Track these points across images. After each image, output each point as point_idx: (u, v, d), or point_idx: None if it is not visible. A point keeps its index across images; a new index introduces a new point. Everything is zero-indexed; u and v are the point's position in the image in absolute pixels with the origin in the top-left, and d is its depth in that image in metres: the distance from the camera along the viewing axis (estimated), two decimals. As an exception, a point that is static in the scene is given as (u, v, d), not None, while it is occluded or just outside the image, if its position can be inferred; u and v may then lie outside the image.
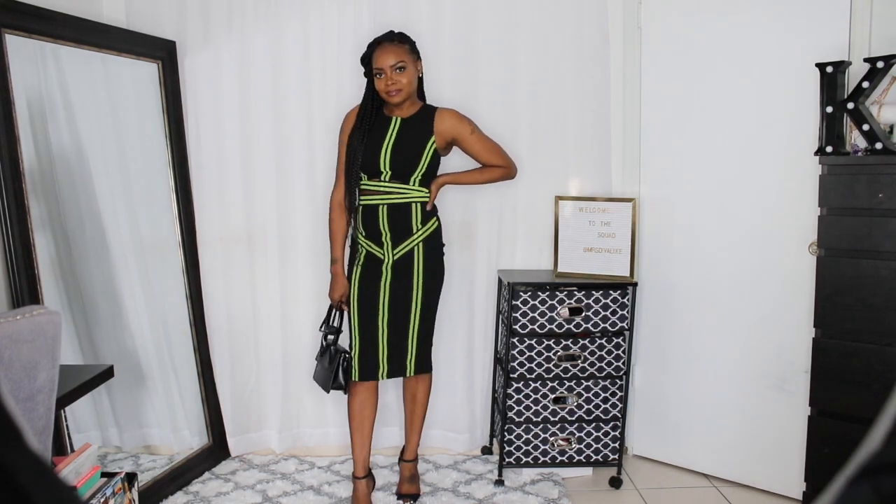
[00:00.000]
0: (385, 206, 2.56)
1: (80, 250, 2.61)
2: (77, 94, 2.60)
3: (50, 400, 1.40)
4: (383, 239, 2.58)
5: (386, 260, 2.58)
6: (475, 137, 2.66)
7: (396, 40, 2.54)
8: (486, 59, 2.95)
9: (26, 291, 2.20)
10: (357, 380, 2.61)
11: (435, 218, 2.65)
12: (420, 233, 2.59)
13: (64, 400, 1.61)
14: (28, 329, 1.32)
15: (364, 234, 2.60)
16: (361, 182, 2.58)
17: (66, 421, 2.28)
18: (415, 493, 2.75)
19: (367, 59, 2.57)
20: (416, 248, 2.59)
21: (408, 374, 2.66)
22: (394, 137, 2.56)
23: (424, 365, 2.69)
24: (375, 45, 2.54)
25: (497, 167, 2.72)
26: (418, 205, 2.58)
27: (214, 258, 2.99)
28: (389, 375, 2.63)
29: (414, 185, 2.57)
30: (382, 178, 2.55)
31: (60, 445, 2.18)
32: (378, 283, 2.59)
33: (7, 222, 2.16)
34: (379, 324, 2.59)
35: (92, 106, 2.67)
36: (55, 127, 2.52)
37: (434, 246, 2.65)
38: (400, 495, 2.75)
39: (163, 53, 2.84)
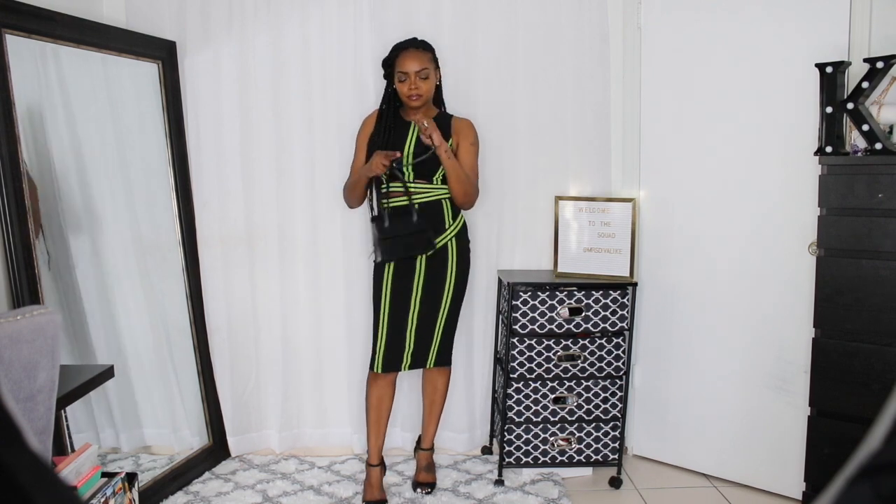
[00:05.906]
0: (416, 206, 2.60)
1: (80, 250, 2.61)
2: (77, 93, 2.59)
3: (50, 400, 1.40)
4: None
5: (419, 256, 2.64)
6: (471, 150, 2.69)
7: (421, 47, 2.60)
8: (486, 59, 2.95)
9: (26, 291, 2.20)
10: (380, 371, 2.66)
11: (461, 214, 2.72)
12: (452, 228, 2.66)
13: (64, 400, 1.61)
14: (28, 329, 1.32)
15: None
16: (383, 185, 2.62)
17: (66, 421, 2.28)
18: (431, 482, 2.79)
19: (388, 62, 2.62)
20: (448, 243, 2.66)
21: (428, 366, 2.72)
22: (415, 139, 2.61)
23: (446, 357, 2.76)
24: (401, 50, 2.59)
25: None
26: (447, 201, 2.65)
27: (214, 258, 2.99)
28: (411, 367, 2.70)
29: (437, 183, 2.63)
30: (406, 178, 2.61)
31: (60, 445, 2.17)
32: (412, 277, 2.65)
33: (7, 222, 2.16)
34: (409, 318, 2.65)
35: (92, 106, 2.67)
36: (55, 127, 2.52)
37: (464, 241, 2.72)
38: (417, 483, 2.79)
39: (163, 53, 2.84)
